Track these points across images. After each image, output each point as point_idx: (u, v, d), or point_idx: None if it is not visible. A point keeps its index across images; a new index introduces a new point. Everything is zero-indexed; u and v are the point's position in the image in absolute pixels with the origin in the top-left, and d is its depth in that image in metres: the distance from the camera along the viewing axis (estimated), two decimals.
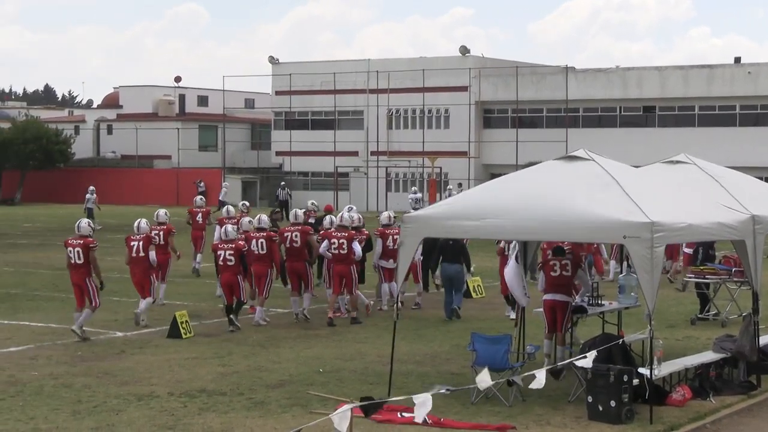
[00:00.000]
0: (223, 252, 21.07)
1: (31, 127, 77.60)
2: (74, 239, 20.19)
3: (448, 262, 22.86)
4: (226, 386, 15.71)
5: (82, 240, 20.09)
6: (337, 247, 22.06)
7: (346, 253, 21.99)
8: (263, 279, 21.81)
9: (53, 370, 16.83)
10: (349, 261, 22.08)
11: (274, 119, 79.04)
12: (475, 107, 70.36)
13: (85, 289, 20.02)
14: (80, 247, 19.96)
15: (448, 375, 16.59)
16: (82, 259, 19.95)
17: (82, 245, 19.98)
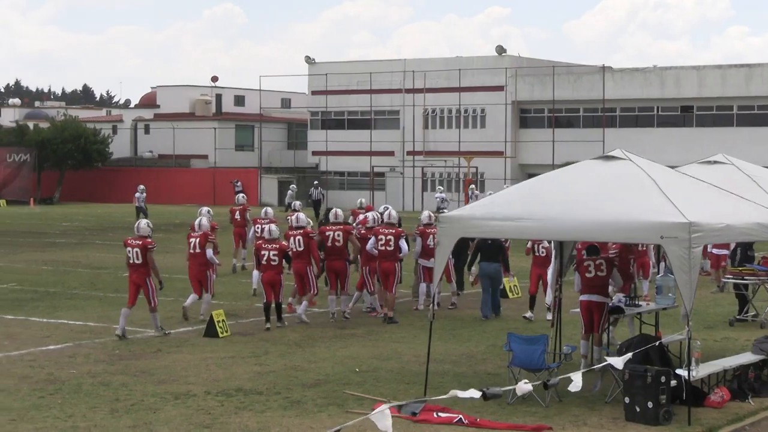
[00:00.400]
0: (267, 252, 21.23)
1: (70, 127, 78.04)
2: (133, 239, 20.40)
3: (487, 261, 22.93)
4: (263, 385, 15.75)
5: (140, 240, 20.27)
6: (384, 243, 22.26)
7: (393, 250, 22.18)
8: (305, 277, 21.92)
9: (91, 369, 16.93)
10: (395, 258, 22.31)
11: (311, 119, 79.16)
12: (512, 107, 70.19)
13: (145, 289, 20.22)
14: (139, 248, 20.15)
15: (484, 375, 16.55)
16: (141, 260, 20.15)
17: (140, 246, 20.16)
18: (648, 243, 21.52)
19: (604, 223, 14.07)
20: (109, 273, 30.67)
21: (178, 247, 38.69)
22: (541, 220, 14.51)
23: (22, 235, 45.63)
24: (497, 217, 14.85)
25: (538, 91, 69.63)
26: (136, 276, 20.18)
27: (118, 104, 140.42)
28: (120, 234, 45.95)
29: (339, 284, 22.53)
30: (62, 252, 37.71)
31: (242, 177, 74.92)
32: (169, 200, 75.03)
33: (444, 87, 70.91)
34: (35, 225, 52.67)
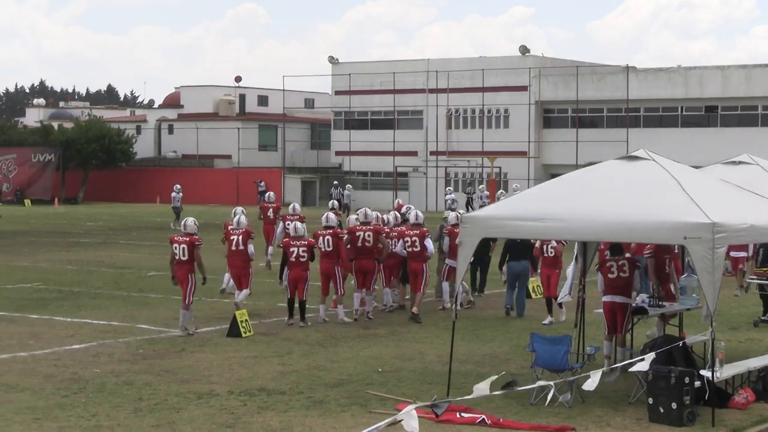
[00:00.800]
0: (296, 249, 21.35)
1: (94, 127, 78.39)
2: (180, 236, 20.80)
3: (516, 259, 23.09)
4: (286, 385, 15.77)
5: (187, 237, 20.68)
6: (410, 244, 22.41)
7: (420, 251, 22.29)
8: (333, 278, 21.98)
9: (115, 368, 17.00)
10: (423, 258, 22.48)
11: (334, 119, 79.25)
12: (535, 107, 70.10)
13: (185, 285, 20.56)
14: (186, 245, 20.56)
15: (507, 375, 16.51)
16: (187, 256, 20.55)
17: (187, 242, 20.58)
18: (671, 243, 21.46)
19: (627, 223, 14.03)
20: (132, 273, 30.79)
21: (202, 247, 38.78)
22: (565, 221, 14.48)
23: (47, 234, 45.85)
24: (520, 217, 14.82)
25: (561, 91, 69.52)
26: (181, 272, 20.60)
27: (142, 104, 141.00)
28: (143, 234, 46.18)
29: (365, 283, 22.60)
30: (86, 252, 37.87)
31: (265, 177, 75.10)
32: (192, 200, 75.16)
33: (467, 87, 70.87)
34: (59, 225, 52.91)
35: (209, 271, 22.04)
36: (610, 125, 68.41)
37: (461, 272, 15.61)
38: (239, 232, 22.76)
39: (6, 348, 18.72)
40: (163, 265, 32.83)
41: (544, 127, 71.12)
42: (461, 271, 15.61)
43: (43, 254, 36.46)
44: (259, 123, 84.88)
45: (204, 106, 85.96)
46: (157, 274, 30.51)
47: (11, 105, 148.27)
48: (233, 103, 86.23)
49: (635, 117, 67.55)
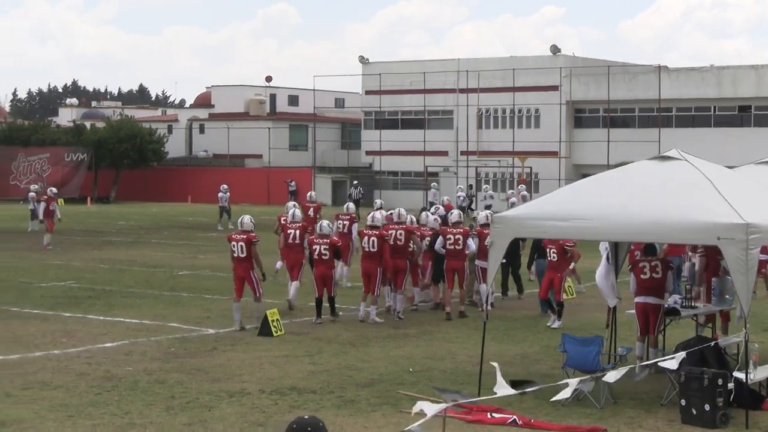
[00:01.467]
0: (319, 246, 21.57)
1: (126, 127, 78.74)
2: (237, 234, 21.31)
3: (544, 257, 23.13)
4: (317, 384, 15.80)
5: (245, 235, 21.18)
6: (453, 242, 22.62)
7: (461, 249, 22.46)
8: (372, 278, 22.09)
9: (147, 366, 17.08)
10: (463, 256, 22.72)
11: (364, 119, 79.28)
12: (566, 107, 69.88)
13: (249, 281, 21.06)
14: (243, 242, 21.06)
15: (538, 376, 16.48)
16: (245, 253, 21.04)
17: (245, 240, 21.08)
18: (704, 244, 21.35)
19: (660, 223, 13.97)
20: (164, 271, 30.92)
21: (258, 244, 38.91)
22: (596, 221, 14.44)
23: (79, 233, 46.11)
24: (551, 217, 14.79)
25: (593, 91, 69.27)
26: (241, 270, 21.05)
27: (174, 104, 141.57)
28: (175, 233, 46.38)
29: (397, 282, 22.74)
30: (118, 250, 38.06)
31: (296, 177, 75.20)
32: None
33: (498, 87, 70.72)
34: (92, 224, 53.19)
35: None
36: (642, 125, 68.10)
37: (492, 273, 15.59)
38: (297, 226, 23.62)
39: (40, 346, 18.85)
40: (194, 264, 33.01)
41: (575, 126, 70.89)
42: (492, 271, 15.59)
43: (76, 253, 36.68)
44: (290, 123, 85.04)
45: (235, 106, 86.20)
46: (188, 273, 30.63)
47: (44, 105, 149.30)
48: (264, 102, 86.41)
49: (667, 117, 67.21)
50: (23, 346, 18.86)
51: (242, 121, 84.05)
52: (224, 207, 50.12)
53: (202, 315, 22.58)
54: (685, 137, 62.71)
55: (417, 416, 11.04)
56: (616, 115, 69.12)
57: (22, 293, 25.94)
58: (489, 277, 15.82)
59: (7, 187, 78.31)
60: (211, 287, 27.17)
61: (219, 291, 26.41)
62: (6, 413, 13.90)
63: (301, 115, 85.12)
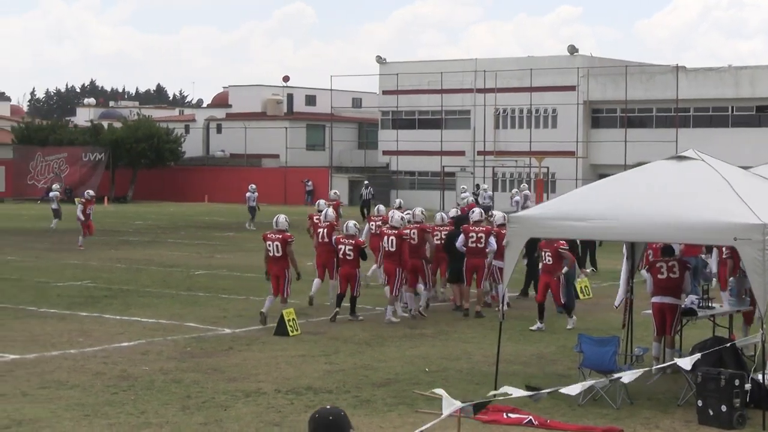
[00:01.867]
0: (344, 246, 21.88)
1: (143, 127, 78.93)
2: (273, 233, 21.55)
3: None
4: (332, 384, 15.80)
5: (280, 234, 21.44)
6: (474, 240, 22.70)
7: (483, 247, 22.65)
8: (391, 277, 22.15)
9: (163, 365, 17.11)
10: (484, 254, 22.81)
11: (381, 119, 79.30)
12: (583, 107, 69.76)
13: (282, 280, 21.25)
14: (279, 241, 21.31)
15: (554, 376, 16.47)
16: (281, 252, 21.28)
17: (280, 239, 21.33)
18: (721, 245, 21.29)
19: (676, 224, 13.93)
20: (180, 271, 30.98)
21: (249, 246, 39.02)
22: (612, 221, 14.41)
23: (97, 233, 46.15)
24: (568, 217, 14.77)
25: (610, 91, 69.14)
26: (277, 268, 21.29)
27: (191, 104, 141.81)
28: (192, 233, 46.47)
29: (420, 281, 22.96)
30: (135, 250, 38.15)
31: (313, 176, 75.30)
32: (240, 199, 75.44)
33: (515, 87, 70.65)
34: (109, 223, 53.28)
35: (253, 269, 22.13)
36: (659, 125, 67.94)
37: (508, 273, 15.56)
38: (325, 225, 23.91)
39: (57, 345, 18.91)
40: (210, 264, 33.06)
41: (593, 127, 70.76)
42: (508, 271, 15.56)
43: (93, 252, 36.76)
44: (307, 122, 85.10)
45: (252, 106, 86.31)
46: (205, 272, 30.68)
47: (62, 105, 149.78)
48: (281, 102, 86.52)
49: (685, 117, 67.03)
50: (40, 345, 18.92)
51: (259, 120, 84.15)
52: (252, 207, 49.87)
53: (219, 315, 22.61)
54: (703, 137, 62.51)
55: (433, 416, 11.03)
56: (633, 115, 68.98)
57: (39, 293, 26.03)
58: (505, 277, 15.80)
59: (25, 187, 78.60)
60: (227, 287, 27.21)
61: (235, 291, 26.46)
62: (23, 412, 13.95)
63: (318, 115, 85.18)
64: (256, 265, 32.44)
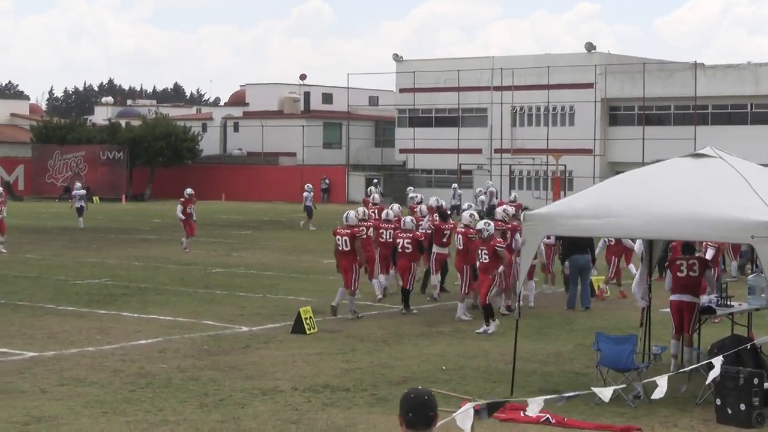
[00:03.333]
0: (402, 240, 22.48)
1: (161, 125, 79.10)
2: (342, 229, 22.24)
3: (578, 253, 23.43)
4: (350, 382, 15.82)
5: (349, 230, 22.10)
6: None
7: (509, 244, 22.70)
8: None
9: (181, 363, 17.15)
10: (511, 252, 22.76)
11: (398, 116, 79.31)
12: (601, 104, 69.63)
13: (350, 274, 21.91)
14: (347, 236, 21.96)
15: (571, 375, 16.45)
16: (349, 247, 21.90)
17: (349, 234, 21.98)
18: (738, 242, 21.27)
19: (694, 221, 13.89)
20: (198, 269, 31.04)
21: (267, 244, 39.11)
22: (628, 218, 14.37)
23: (114, 231, 46.38)
24: (583, 214, 14.73)
25: (628, 89, 68.98)
26: (345, 262, 21.98)
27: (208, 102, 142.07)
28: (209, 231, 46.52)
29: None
30: (153, 248, 38.26)
31: (330, 174, 75.33)
32: (257, 197, 75.68)
33: (533, 84, 70.56)
34: (127, 221, 53.49)
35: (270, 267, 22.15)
36: (678, 123, 67.73)
37: (524, 270, 15.54)
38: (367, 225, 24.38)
39: (75, 342, 18.98)
40: (227, 262, 33.12)
41: (610, 124, 70.62)
42: (524, 269, 15.54)
43: (110, 251, 36.89)
44: (324, 121, 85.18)
45: (269, 104, 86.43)
46: (222, 270, 30.74)
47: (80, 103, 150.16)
48: (298, 100, 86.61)
49: (703, 114, 66.82)
50: (59, 342, 18.99)
51: (276, 119, 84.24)
52: (309, 206, 49.26)
53: (236, 312, 22.65)
54: (721, 135, 62.24)
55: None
56: (651, 112, 68.81)
57: (57, 290, 26.12)
58: (521, 275, 15.79)
59: (44, 185, 78.91)
60: (244, 285, 27.25)
61: (252, 289, 26.49)
62: (41, 409, 14.01)
63: (335, 113, 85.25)
64: (273, 263, 32.56)
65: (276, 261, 33.39)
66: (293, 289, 26.20)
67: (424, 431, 6.47)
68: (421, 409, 6.47)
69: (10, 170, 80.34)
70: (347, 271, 21.99)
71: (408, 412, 6.53)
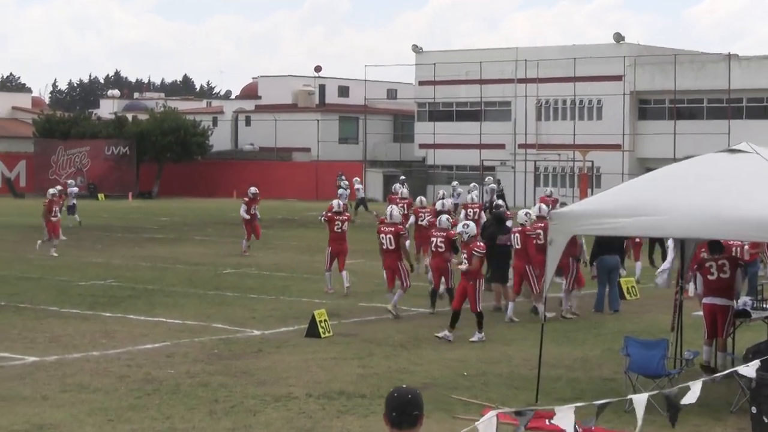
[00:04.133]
0: (435, 239, 22.52)
1: (169, 119, 79.21)
2: (386, 226, 22.60)
3: (608, 253, 23.47)
4: (366, 388, 15.80)
5: (393, 227, 22.47)
6: (535, 237, 22.82)
7: (544, 243, 22.64)
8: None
9: (189, 368, 17.16)
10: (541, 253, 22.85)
11: (418, 110, 79.28)
12: (630, 97, 69.44)
13: (397, 272, 22.34)
14: (391, 234, 22.36)
15: (599, 381, 16.41)
16: (394, 245, 22.30)
17: (393, 232, 22.37)
18: None
19: (728, 220, 13.81)
20: (207, 270, 31.08)
21: (279, 244, 39.13)
22: (660, 217, 14.30)
23: (120, 230, 46.48)
24: (612, 213, 14.67)
25: (658, 81, 68.78)
26: (390, 260, 22.42)
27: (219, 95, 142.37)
28: (219, 229, 46.63)
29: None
30: (160, 248, 38.32)
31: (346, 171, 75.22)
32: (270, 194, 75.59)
33: (558, 77, 70.40)
34: (133, 220, 53.61)
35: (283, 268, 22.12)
36: (711, 116, 67.49)
37: (550, 272, 15.48)
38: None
39: (79, 347, 19.01)
40: (239, 262, 33.14)
41: (640, 118, 70.43)
42: (550, 270, 15.47)
43: (116, 250, 36.97)
44: (340, 115, 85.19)
45: (282, 97, 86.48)
46: (233, 271, 30.77)
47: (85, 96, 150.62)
48: (312, 93, 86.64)
49: (737, 108, 66.57)
50: (61, 346, 19.04)
51: (290, 113, 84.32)
52: (362, 198, 51.22)
53: (247, 315, 22.67)
54: (757, 129, 62.00)
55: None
56: (683, 106, 68.60)
57: (60, 292, 26.19)
58: (547, 277, 15.74)
59: (47, 182, 79.03)
60: (256, 286, 27.27)
61: (264, 290, 26.51)
62: (43, 416, 14.04)
63: (352, 107, 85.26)
64: (285, 263, 32.58)
65: (289, 261, 33.42)
66: (307, 291, 26.20)
67: (409, 431, 6.56)
68: (405, 408, 6.55)
69: (11, 166, 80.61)
70: (393, 270, 22.42)
71: (392, 412, 6.56)
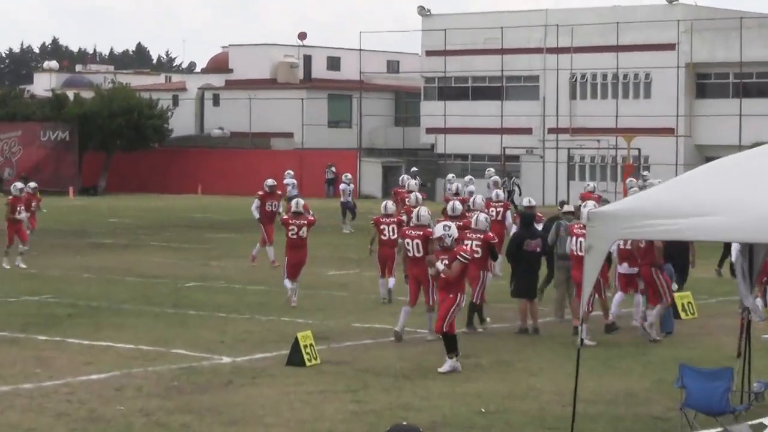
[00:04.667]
0: (471, 242, 22.59)
1: (119, 97, 79.28)
2: (411, 229, 22.64)
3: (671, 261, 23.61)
4: (360, 429, 15.81)
5: (421, 231, 22.33)
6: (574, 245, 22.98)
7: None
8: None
9: (144, 405, 17.14)
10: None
11: (425, 87, 79.38)
12: (686, 71, 69.49)
13: (426, 285, 22.04)
14: (419, 239, 22.16)
15: (648, 419, 16.40)
16: (422, 252, 22.00)
17: (421, 237, 22.16)
18: None
19: None
20: (166, 283, 31.07)
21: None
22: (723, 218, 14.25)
23: (59, 234, 46.42)
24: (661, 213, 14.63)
25: (720, 51, 68.83)
26: (417, 270, 22.10)
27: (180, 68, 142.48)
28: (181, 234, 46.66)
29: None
30: (108, 256, 38.33)
31: (338, 160, 75.30)
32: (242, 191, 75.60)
33: (597, 45, 70.50)
34: (75, 222, 53.62)
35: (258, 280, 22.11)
36: None
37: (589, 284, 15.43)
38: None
39: (7, 378, 18.99)
40: (204, 273, 33.13)
41: (698, 97, 70.50)
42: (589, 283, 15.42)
43: (54, 259, 36.96)
44: (329, 92, 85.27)
45: (259, 71, 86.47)
46: (197, 285, 30.76)
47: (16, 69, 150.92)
48: (296, 66, 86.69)
49: None
50: None
51: (268, 90, 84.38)
52: (347, 203, 48.96)
53: (215, 339, 22.65)
54: None
55: None
56: (750, 81, 68.68)
57: None
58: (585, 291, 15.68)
59: None
60: (225, 303, 27.26)
61: (236, 308, 26.49)
62: None
63: (344, 83, 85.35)
64: (260, 276, 32.52)
65: (266, 273, 33.38)
66: (288, 309, 26.18)
67: None
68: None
69: None
70: (421, 281, 22.18)
71: None
